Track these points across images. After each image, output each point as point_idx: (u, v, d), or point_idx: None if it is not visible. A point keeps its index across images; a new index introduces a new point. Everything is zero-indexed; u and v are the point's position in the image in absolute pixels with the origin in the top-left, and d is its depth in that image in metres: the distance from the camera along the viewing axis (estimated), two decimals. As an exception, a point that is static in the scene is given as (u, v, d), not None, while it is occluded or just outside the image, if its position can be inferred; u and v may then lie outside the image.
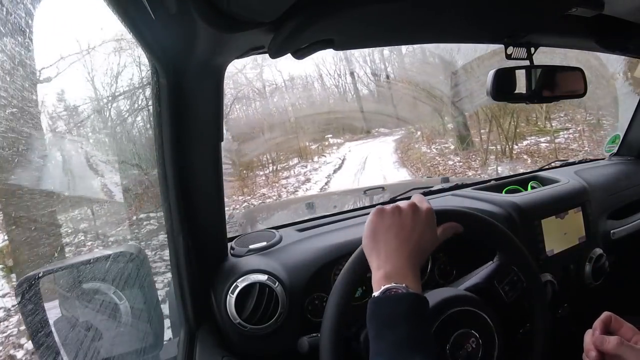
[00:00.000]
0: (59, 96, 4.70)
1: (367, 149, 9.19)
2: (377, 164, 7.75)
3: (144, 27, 0.52)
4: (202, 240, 0.75)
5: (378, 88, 10.52)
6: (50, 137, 4.28)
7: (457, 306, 0.63)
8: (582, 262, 1.02)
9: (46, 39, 4.55)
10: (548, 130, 6.21)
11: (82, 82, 5.02)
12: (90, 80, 5.06)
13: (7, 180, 2.72)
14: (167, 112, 0.64)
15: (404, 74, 9.48)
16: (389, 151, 8.77)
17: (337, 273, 0.83)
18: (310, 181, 7.37)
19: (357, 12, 0.58)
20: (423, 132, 8.80)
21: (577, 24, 0.80)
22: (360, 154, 8.82)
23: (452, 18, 0.71)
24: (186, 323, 0.76)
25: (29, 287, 0.70)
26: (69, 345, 0.73)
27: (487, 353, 0.62)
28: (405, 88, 8.84)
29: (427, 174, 6.38)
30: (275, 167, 7.96)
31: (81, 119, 4.88)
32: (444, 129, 8.21)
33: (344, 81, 10.82)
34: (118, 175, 4.22)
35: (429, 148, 7.96)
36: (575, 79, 0.91)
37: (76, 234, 4.08)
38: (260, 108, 9.06)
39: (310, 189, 6.80)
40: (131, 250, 0.78)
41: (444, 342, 0.60)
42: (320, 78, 10.49)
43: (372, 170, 7.31)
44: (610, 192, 1.17)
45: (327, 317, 0.59)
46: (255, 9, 0.51)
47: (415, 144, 8.69)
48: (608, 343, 0.54)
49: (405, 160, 7.93)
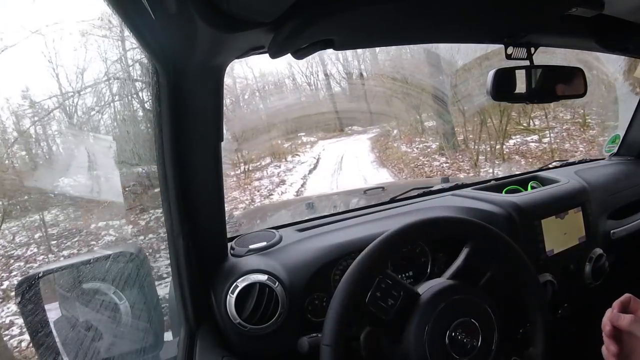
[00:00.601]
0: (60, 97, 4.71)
1: (342, 147, 8.69)
2: (354, 163, 7.32)
3: (144, 27, 0.52)
4: (202, 240, 0.75)
5: (351, 85, 10.14)
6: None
7: (458, 294, 0.64)
8: (582, 262, 1.02)
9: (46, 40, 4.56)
10: (533, 129, 6.03)
11: (81, 82, 5.03)
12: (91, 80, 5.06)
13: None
14: (167, 112, 0.64)
15: (378, 69, 9.08)
16: (365, 150, 8.39)
17: (337, 273, 0.83)
18: (285, 183, 6.77)
19: (357, 12, 0.57)
20: (400, 131, 8.42)
21: (577, 24, 0.80)
22: (335, 152, 8.42)
23: (452, 18, 0.71)
24: (186, 323, 0.76)
25: (29, 287, 0.70)
26: (69, 345, 0.73)
27: (486, 341, 0.63)
28: (380, 85, 8.48)
29: (412, 175, 6.17)
30: (247, 168, 7.32)
31: (82, 119, 4.89)
32: (421, 127, 7.87)
33: (316, 78, 10.43)
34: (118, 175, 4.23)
35: (409, 147, 7.58)
36: (575, 79, 0.91)
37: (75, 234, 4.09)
38: (231, 105, 8.73)
39: (286, 192, 6.25)
40: (131, 250, 0.78)
41: (444, 329, 0.61)
42: (292, 76, 10.24)
43: (350, 170, 6.90)
44: (610, 192, 1.17)
45: (330, 317, 0.60)
46: (255, 9, 0.51)
47: (394, 143, 8.21)
48: (623, 320, 0.57)
49: (384, 159, 7.44)
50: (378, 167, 7.09)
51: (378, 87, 8.79)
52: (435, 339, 0.61)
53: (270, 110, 8.86)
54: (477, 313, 0.63)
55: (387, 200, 1.16)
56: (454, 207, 1.01)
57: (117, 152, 4.20)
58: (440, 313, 0.62)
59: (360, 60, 9.67)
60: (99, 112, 4.90)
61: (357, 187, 2.18)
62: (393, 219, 0.98)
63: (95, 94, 4.93)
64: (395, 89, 7.86)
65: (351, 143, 9.22)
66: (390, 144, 8.28)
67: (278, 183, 6.80)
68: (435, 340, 0.61)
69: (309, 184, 6.57)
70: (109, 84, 4.72)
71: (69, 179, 4.19)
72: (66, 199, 4.27)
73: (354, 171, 6.80)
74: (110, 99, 4.77)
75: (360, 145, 8.88)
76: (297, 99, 10.23)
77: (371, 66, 9.50)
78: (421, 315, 0.62)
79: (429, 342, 0.60)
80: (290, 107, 9.50)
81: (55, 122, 4.98)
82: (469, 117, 6.22)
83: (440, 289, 0.64)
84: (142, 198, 4.34)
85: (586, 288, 1.03)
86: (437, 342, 0.61)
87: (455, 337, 0.61)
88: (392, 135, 8.69)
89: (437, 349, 0.61)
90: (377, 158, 7.72)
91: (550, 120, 6.00)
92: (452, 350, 0.61)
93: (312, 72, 10.37)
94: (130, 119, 4.25)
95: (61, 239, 4.18)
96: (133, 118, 4.23)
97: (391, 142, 8.39)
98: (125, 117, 4.35)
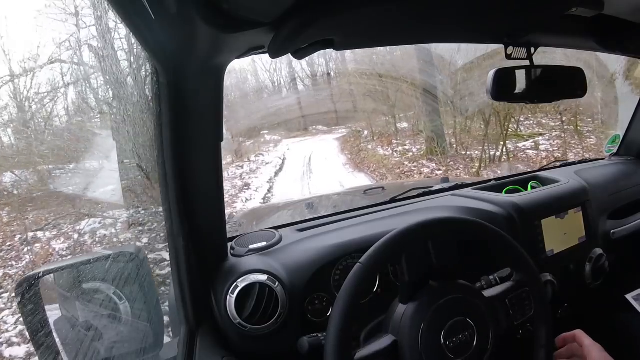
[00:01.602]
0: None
1: (308, 147, 8.26)
2: (324, 166, 6.78)
3: (144, 27, 0.52)
4: (202, 240, 0.75)
5: (316, 83, 9.68)
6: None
7: (450, 294, 0.64)
8: (582, 262, 1.02)
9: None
10: (522, 134, 5.73)
11: (81, 82, 5.03)
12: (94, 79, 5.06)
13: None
14: (167, 112, 0.64)
15: (345, 68, 8.55)
16: (334, 151, 7.90)
17: (337, 273, 0.83)
18: (250, 187, 5.96)
19: (357, 12, 0.58)
20: (373, 132, 7.89)
21: (577, 24, 0.80)
22: (301, 153, 7.94)
23: (452, 18, 0.71)
24: (186, 323, 0.76)
25: (29, 287, 0.70)
26: (69, 345, 0.73)
27: (481, 341, 0.62)
28: (354, 82, 7.95)
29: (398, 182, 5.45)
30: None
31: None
32: (395, 129, 7.32)
33: (280, 75, 10.10)
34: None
35: (388, 150, 6.89)
36: (575, 79, 0.91)
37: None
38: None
39: (252, 198, 5.43)
40: (131, 250, 0.78)
41: (440, 328, 0.61)
42: (255, 72, 9.76)
43: (322, 173, 6.31)
44: (610, 192, 1.17)
45: (335, 317, 0.59)
46: (255, 9, 0.51)
47: (368, 145, 7.64)
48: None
49: (359, 163, 6.86)
50: (353, 170, 6.50)
51: (347, 86, 8.27)
52: (430, 340, 0.60)
53: (232, 107, 8.19)
54: (472, 312, 0.63)
55: (387, 200, 1.16)
56: (454, 207, 1.00)
57: (118, 151, 4.20)
58: (434, 313, 0.62)
59: (328, 57, 9.23)
60: (100, 112, 4.91)
61: (334, 191, 2.10)
62: (393, 219, 0.98)
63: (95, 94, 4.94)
64: (370, 87, 7.31)
65: (317, 143, 8.78)
66: (364, 146, 7.76)
67: (242, 187, 5.97)
68: (430, 340, 0.60)
69: (277, 188, 5.91)
70: (110, 83, 4.71)
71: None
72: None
73: (327, 174, 6.19)
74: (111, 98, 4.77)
75: (327, 145, 8.42)
76: (260, 95, 9.79)
77: (341, 63, 9.03)
78: (415, 317, 0.62)
79: (424, 342, 0.60)
80: (254, 104, 9.06)
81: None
82: (470, 117, 5.83)
83: (434, 289, 0.64)
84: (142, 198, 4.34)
85: (586, 288, 1.03)
86: (432, 342, 0.60)
87: (450, 337, 0.61)
88: (363, 136, 8.22)
89: (433, 349, 0.60)
90: (350, 161, 7.20)
91: (532, 126, 5.75)
92: (448, 351, 0.61)
93: (275, 69, 9.99)
94: (131, 118, 4.25)
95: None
96: (133, 118, 4.23)
97: (364, 144, 7.85)
98: (126, 117, 4.34)
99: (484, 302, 0.66)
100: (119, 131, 4.24)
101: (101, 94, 4.86)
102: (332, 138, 9.09)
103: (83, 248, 3.89)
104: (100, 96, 4.88)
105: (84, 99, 5.08)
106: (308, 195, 4.96)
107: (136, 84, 4.43)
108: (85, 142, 4.63)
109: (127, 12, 0.49)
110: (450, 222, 0.70)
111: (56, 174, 4.61)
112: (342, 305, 0.59)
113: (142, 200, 4.31)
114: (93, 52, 4.77)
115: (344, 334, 0.58)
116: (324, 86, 9.57)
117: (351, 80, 8.14)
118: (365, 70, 7.48)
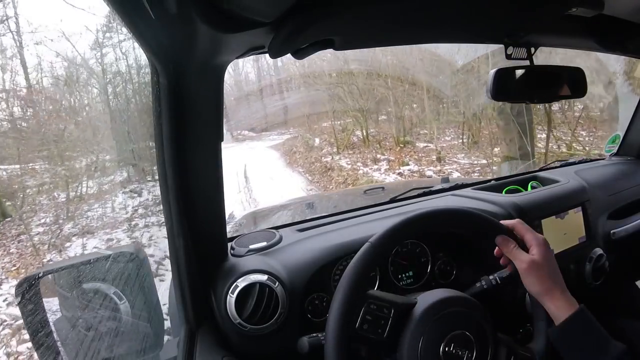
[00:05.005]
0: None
1: (236, 156, 6.62)
2: (266, 179, 5.37)
3: (144, 27, 0.52)
4: (202, 240, 0.75)
5: (238, 80, 8.38)
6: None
7: (452, 307, 0.63)
8: (582, 262, 1.02)
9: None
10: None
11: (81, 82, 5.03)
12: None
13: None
14: (167, 112, 0.64)
15: (288, 66, 7.41)
16: (277, 165, 6.37)
17: (337, 273, 0.83)
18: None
19: (357, 12, 0.58)
20: (328, 140, 6.24)
21: (577, 24, 0.80)
22: (231, 162, 5.30)
23: (452, 18, 0.71)
24: (186, 323, 0.76)
25: (29, 287, 0.70)
26: (69, 345, 0.73)
27: (481, 353, 0.62)
28: (292, 81, 7.01)
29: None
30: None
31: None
32: (348, 137, 5.77)
33: None
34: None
35: (365, 164, 5.33)
36: (575, 79, 0.91)
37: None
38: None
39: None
40: (131, 250, 0.78)
41: (439, 341, 0.60)
42: None
43: (267, 189, 4.96)
44: (610, 192, 1.17)
45: (333, 315, 0.59)
46: (255, 9, 0.51)
47: (327, 156, 5.99)
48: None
49: (320, 178, 5.26)
50: (317, 189, 4.86)
51: (286, 83, 7.19)
52: (429, 352, 0.60)
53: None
54: (471, 325, 0.63)
55: (387, 200, 1.16)
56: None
57: (118, 151, 4.19)
58: (433, 326, 0.61)
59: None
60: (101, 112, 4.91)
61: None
62: (393, 219, 0.98)
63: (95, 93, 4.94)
64: (314, 87, 6.20)
65: (246, 151, 7.21)
66: (319, 157, 5.97)
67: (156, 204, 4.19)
68: (429, 354, 0.60)
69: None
70: (111, 83, 4.71)
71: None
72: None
73: (275, 190, 4.72)
74: (111, 98, 4.76)
75: (259, 154, 6.93)
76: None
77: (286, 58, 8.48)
78: (415, 329, 0.61)
79: (423, 355, 0.60)
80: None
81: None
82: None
83: (433, 302, 0.63)
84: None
85: (586, 288, 1.03)
86: (431, 356, 0.60)
87: (449, 351, 0.60)
88: (316, 145, 6.57)
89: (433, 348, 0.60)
90: (314, 183, 5.27)
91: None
92: (446, 351, 0.61)
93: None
94: (131, 118, 4.24)
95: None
96: (133, 118, 4.22)
97: (318, 155, 6.11)
98: (126, 117, 4.34)
99: (482, 313, 0.65)
100: (118, 131, 4.24)
101: (101, 94, 4.85)
102: (265, 146, 7.67)
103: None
104: (100, 96, 4.88)
105: (83, 99, 5.07)
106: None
107: (136, 84, 4.43)
108: (85, 142, 4.62)
109: (127, 12, 0.49)
110: (454, 213, 0.70)
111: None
112: (346, 284, 0.60)
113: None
114: (93, 52, 4.77)
115: (346, 317, 0.58)
116: (255, 85, 8.46)
117: (299, 79, 6.99)
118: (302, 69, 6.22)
